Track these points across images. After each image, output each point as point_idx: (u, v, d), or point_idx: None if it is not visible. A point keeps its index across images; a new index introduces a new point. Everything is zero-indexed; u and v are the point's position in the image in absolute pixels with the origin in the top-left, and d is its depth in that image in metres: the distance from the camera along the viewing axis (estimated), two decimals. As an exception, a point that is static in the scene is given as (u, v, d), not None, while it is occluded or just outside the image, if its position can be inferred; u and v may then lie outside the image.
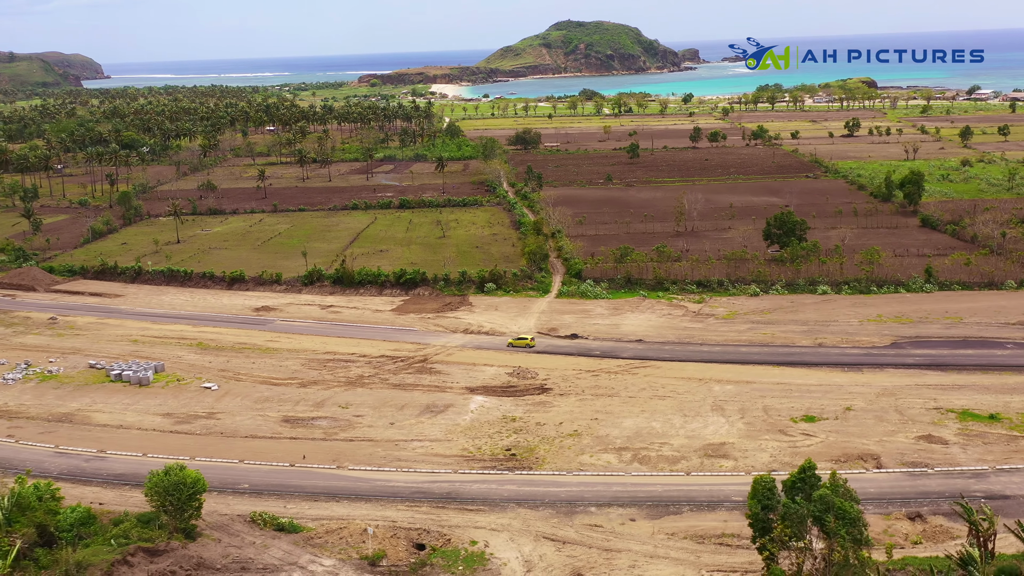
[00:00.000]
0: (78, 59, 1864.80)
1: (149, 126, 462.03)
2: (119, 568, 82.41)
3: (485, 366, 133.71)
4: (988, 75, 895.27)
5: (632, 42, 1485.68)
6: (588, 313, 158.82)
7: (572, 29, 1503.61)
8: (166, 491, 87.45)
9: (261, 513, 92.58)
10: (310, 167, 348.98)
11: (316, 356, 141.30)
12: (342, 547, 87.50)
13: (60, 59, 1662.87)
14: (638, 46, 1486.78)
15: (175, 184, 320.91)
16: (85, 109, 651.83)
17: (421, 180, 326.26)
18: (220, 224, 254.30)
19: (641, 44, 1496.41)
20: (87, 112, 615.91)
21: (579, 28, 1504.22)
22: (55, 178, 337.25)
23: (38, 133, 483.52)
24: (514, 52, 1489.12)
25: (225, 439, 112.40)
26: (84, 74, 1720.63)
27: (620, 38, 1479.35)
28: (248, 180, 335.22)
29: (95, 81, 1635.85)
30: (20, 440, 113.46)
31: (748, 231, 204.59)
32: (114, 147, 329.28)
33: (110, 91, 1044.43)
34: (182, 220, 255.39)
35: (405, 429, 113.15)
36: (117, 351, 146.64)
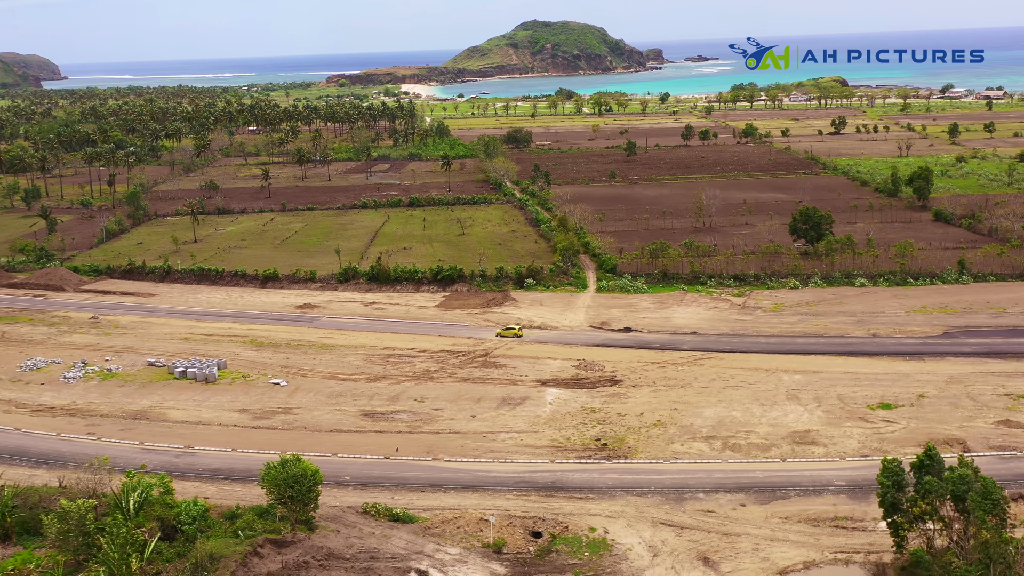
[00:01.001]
0: (35, 60, 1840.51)
1: (133, 127, 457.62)
2: (251, 559, 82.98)
3: (549, 359, 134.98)
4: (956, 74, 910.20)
5: (598, 42, 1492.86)
6: (634, 307, 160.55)
7: (538, 29, 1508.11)
8: (286, 483, 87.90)
9: (374, 504, 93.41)
10: (305, 166, 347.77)
11: (375, 352, 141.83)
12: (461, 536, 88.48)
13: (17, 60, 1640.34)
14: (604, 46, 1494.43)
15: (176, 184, 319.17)
16: (61, 110, 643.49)
17: (422, 179, 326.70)
18: (231, 223, 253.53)
19: (607, 44, 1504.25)
20: (63, 113, 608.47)
21: (545, 28, 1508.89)
22: (49, 178, 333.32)
23: (15, 134, 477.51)
24: (481, 52, 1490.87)
25: (309, 433, 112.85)
26: (42, 75, 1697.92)
27: (586, 38, 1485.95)
28: (246, 180, 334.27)
29: (54, 82, 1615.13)
30: (102, 437, 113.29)
31: (774, 226, 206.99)
32: (110, 147, 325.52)
33: (76, 92, 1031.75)
34: (195, 220, 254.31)
35: (488, 421, 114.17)
36: (171, 349, 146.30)
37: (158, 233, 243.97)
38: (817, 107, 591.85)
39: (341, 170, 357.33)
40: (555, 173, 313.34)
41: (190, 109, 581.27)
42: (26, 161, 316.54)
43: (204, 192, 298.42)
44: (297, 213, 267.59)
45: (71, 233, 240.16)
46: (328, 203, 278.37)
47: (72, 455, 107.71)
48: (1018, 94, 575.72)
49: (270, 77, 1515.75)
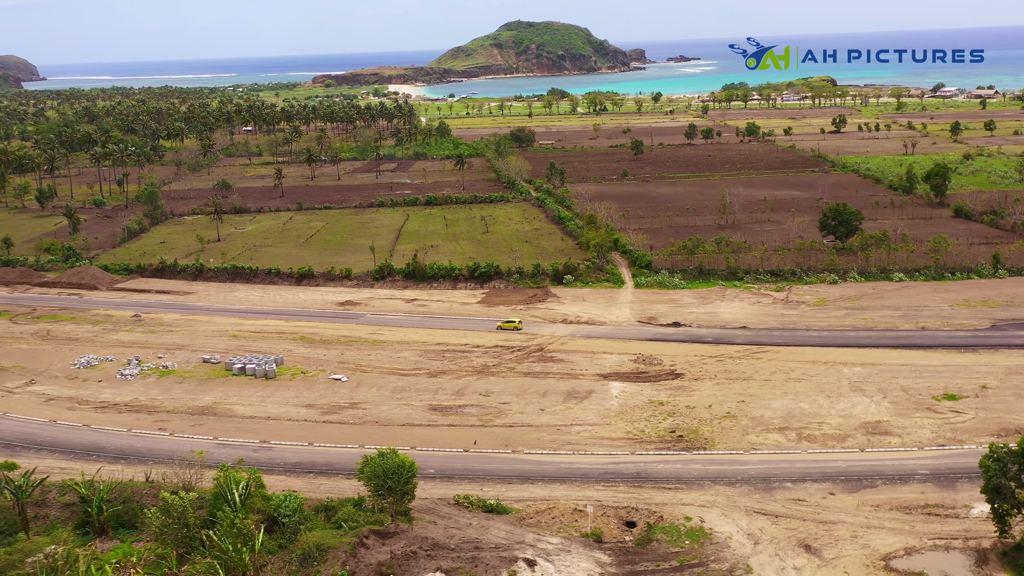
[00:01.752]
0: (12, 60, 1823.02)
1: (132, 127, 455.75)
2: (359, 550, 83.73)
3: (605, 354, 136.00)
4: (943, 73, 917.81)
5: (583, 42, 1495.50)
6: (677, 303, 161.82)
7: (522, 30, 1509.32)
8: (385, 475, 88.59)
9: (466, 496, 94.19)
10: (312, 166, 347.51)
11: (429, 347, 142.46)
12: (558, 526, 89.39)
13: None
14: (589, 46, 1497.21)
15: (188, 183, 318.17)
16: (52, 110, 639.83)
17: (433, 178, 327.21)
18: (250, 222, 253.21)
19: (591, 44, 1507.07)
20: (54, 113, 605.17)
21: (529, 28, 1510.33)
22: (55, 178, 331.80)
23: (10, 134, 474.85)
24: (465, 52, 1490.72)
25: (381, 427, 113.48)
26: (21, 75, 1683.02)
27: (571, 38, 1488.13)
28: (254, 180, 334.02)
29: (33, 83, 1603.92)
30: (174, 433, 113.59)
31: (804, 223, 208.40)
32: (118, 147, 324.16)
33: (61, 92, 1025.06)
34: (212, 218, 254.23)
35: (558, 415, 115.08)
36: (222, 346, 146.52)
37: (178, 232, 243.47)
38: (811, 106, 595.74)
39: (348, 169, 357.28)
40: (567, 172, 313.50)
41: (184, 109, 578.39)
42: (35, 161, 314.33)
43: (217, 192, 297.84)
44: (314, 212, 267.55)
45: (92, 232, 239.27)
46: (343, 202, 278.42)
47: (148, 451, 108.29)
48: (1010, 93, 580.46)
49: (250, 78, 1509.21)
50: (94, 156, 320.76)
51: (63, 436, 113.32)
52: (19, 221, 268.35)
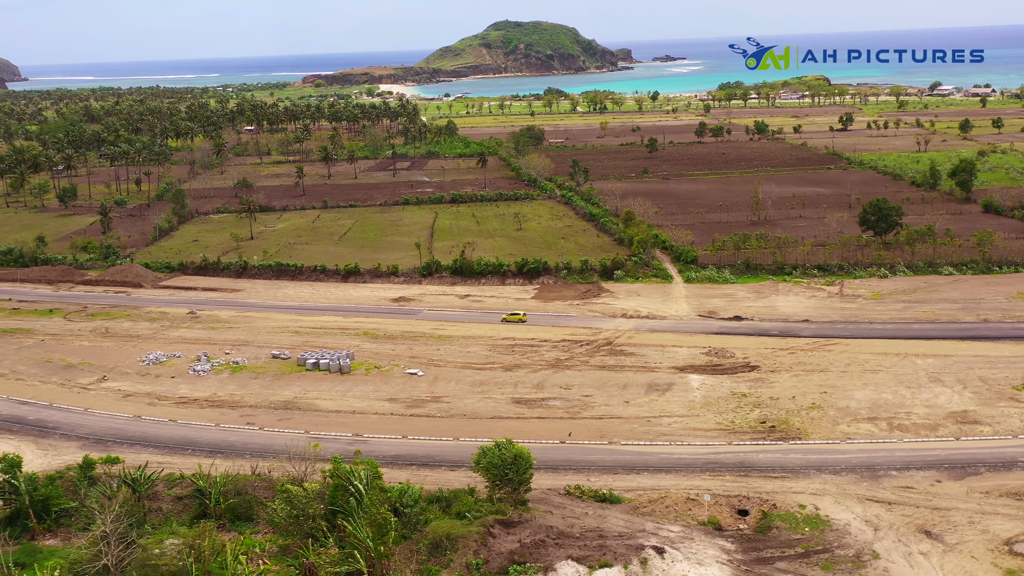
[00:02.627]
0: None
1: (138, 126, 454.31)
2: (488, 539, 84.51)
3: (674, 347, 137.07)
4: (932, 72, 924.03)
5: (571, 42, 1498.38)
6: (732, 297, 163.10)
7: (510, 29, 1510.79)
8: (503, 465, 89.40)
9: (577, 486, 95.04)
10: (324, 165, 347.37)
11: (495, 342, 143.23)
12: (673, 515, 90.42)
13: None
14: (577, 46, 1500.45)
15: (208, 182, 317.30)
16: (50, 110, 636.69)
17: (451, 176, 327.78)
18: (278, 220, 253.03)
19: (580, 44, 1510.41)
20: (52, 113, 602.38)
21: (517, 28, 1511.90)
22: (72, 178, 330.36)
23: (11, 133, 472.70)
24: (454, 52, 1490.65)
25: (470, 420, 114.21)
26: (3, 76, 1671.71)
27: (559, 38, 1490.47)
28: (269, 179, 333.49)
29: (17, 83, 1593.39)
30: (264, 427, 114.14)
31: (843, 218, 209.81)
32: (135, 146, 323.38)
33: (51, 93, 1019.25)
34: (239, 217, 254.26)
35: (643, 407, 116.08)
36: (287, 342, 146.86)
37: (208, 231, 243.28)
38: (810, 104, 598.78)
39: (362, 168, 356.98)
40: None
41: (184, 109, 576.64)
42: (53, 160, 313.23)
43: (238, 190, 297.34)
44: (340, 210, 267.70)
45: (121, 231, 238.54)
46: (367, 200, 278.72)
47: (242, 445, 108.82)
48: (1008, 91, 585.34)
49: (235, 78, 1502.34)
50: (110, 155, 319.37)
51: (152, 431, 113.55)
52: (42, 220, 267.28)
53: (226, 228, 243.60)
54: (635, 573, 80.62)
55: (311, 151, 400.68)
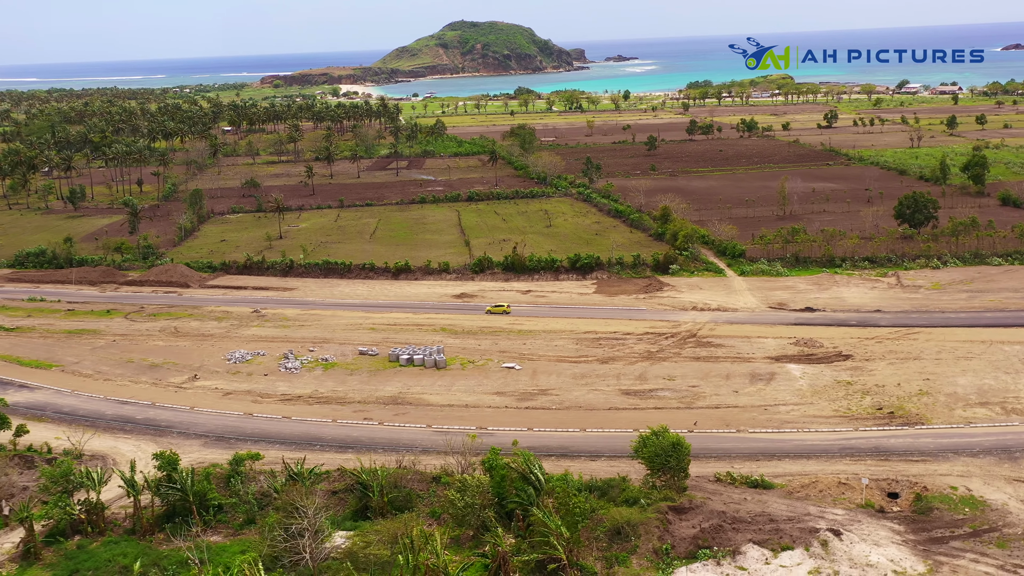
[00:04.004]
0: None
1: (120, 128, 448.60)
2: (667, 525, 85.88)
3: (760, 338, 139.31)
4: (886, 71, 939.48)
5: (527, 42, 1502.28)
6: (793, 289, 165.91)
7: (467, 29, 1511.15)
8: (664, 453, 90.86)
9: (728, 472, 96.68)
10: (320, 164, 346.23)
11: (578, 335, 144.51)
12: (830, 498, 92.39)
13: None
14: (533, 46, 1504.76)
15: (215, 182, 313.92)
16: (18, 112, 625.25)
17: (456, 174, 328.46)
18: (298, 220, 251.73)
19: (536, 44, 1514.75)
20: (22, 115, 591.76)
21: (473, 28, 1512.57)
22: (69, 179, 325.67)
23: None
24: (410, 52, 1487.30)
25: (588, 412, 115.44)
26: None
27: (516, 38, 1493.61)
28: (274, 179, 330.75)
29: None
30: (383, 422, 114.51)
31: (879, 212, 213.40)
32: (132, 147, 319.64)
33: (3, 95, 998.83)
34: (255, 217, 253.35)
35: (754, 396, 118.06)
36: (366, 339, 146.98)
37: (231, 230, 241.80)
38: (784, 102, 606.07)
39: (361, 168, 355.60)
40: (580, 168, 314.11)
41: (156, 111, 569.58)
42: (53, 161, 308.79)
43: (246, 190, 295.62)
44: (358, 209, 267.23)
45: (146, 232, 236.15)
46: (382, 199, 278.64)
47: (369, 439, 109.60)
48: (977, 88, 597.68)
49: (184, 79, 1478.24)
50: (106, 156, 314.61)
51: (270, 428, 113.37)
52: (52, 222, 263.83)
53: (246, 227, 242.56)
54: (817, 555, 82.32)
55: (302, 151, 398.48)
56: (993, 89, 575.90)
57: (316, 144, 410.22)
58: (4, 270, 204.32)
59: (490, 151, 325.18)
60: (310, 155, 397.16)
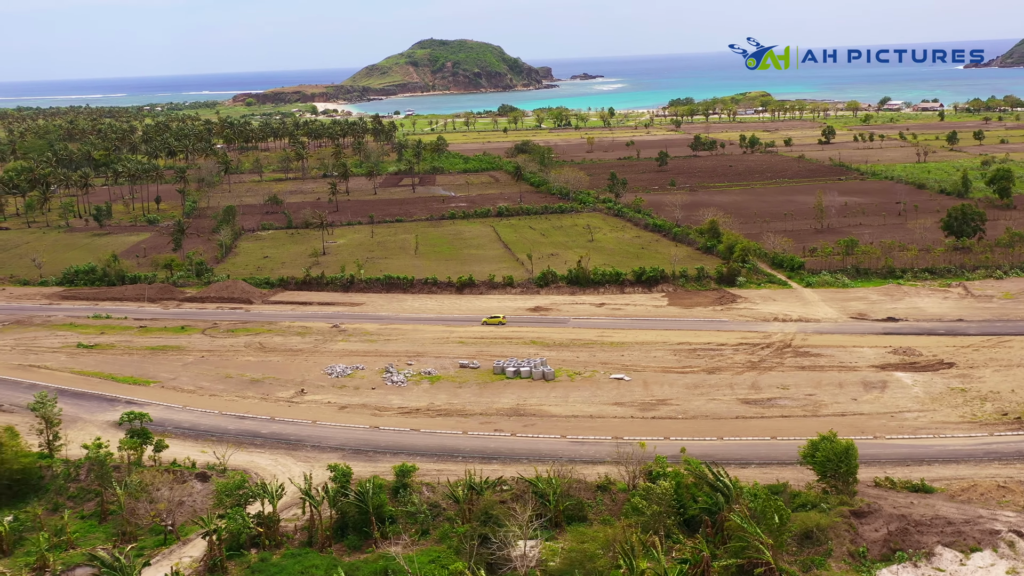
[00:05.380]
0: None
1: (116, 145, 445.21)
2: (855, 528, 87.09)
3: (855, 347, 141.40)
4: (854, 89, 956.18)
5: (497, 60, 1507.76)
6: (866, 299, 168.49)
7: (436, 47, 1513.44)
8: (836, 458, 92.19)
9: (887, 477, 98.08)
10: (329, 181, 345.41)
11: (672, 346, 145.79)
12: (995, 501, 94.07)
13: None
14: (504, 64, 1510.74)
15: (238, 199, 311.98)
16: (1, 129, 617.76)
17: (475, 190, 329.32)
18: (335, 236, 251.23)
19: (506, 62, 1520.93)
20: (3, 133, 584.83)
21: (443, 46, 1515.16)
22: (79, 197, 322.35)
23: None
24: (380, 70, 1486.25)
25: (716, 421, 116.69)
26: None
27: (486, 56, 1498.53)
28: (294, 195, 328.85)
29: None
30: (516, 433, 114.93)
31: (926, 224, 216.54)
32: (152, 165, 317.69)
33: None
34: (288, 233, 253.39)
35: (874, 403, 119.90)
36: (461, 352, 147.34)
37: (269, 246, 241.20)
38: (770, 119, 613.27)
39: (372, 184, 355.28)
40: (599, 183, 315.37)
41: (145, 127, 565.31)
42: (71, 179, 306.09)
43: (268, 206, 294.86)
44: (389, 225, 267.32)
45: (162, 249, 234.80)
46: (412, 215, 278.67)
47: (508, 451, 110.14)
48: (961, 105, 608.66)
49: (144, 97, 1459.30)
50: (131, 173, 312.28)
51: (404, 440, 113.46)
52: (82, 240, 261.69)
53: (283, 244, 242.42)
54: (1007, 555, 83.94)
55: (309, 168, 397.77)
56: (975, 106, 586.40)
57: (321, 161, 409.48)
58: (54, 288, 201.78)
59: (513, 167, 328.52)
60: (316, 172, 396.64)
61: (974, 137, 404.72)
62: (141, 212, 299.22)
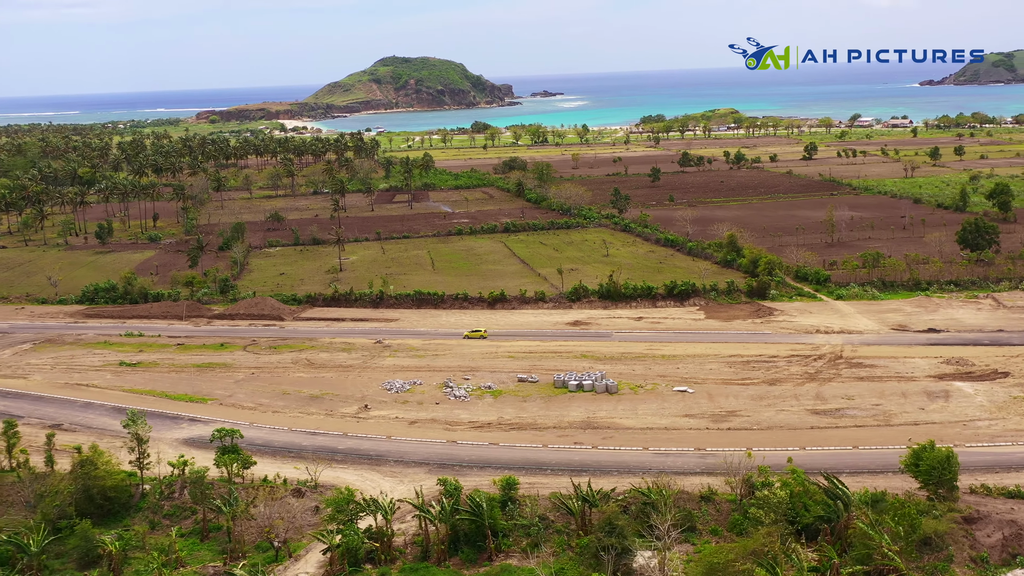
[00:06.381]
0: None
1: (96, 162, 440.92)
2: (971, 535, 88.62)
3: (907, 358, 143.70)
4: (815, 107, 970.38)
5: (460, 77, 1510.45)
6: (901, 311, 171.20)
7: (399, 65, 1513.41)
8: (940, 466, 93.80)
9: (983, 484, 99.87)
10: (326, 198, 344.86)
11: (725, 359, 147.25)
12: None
13: None
14: (467, 81, 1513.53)
15: (238, 216, 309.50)
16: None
17: (473, 206, 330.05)
18: (346, 252, 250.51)
19: (469, 79, 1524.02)
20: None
21: (406, 64, 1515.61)
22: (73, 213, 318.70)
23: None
24: (343, 88, 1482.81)
25: (789, 432, 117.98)
26: None
27: (448, 73, 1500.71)
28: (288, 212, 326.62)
29: None
30: (597, 446, 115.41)
31: (941, 237, 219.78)
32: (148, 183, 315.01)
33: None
34: (297, 250, 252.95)
35: (943, 412, 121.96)
36: (515, 366, 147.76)
37: (282, 263, 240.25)
38: (745, 135, 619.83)
39: (368, 201, 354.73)
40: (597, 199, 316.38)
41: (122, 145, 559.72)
42: (66, 196, 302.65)
43: (270, 223, 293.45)
44: (397, 241, 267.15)
45: (174, 267, 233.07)
46: (416, 231, 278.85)
47: (595, 463, 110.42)
48: (931, 121, 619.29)
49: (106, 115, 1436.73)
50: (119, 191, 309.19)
51: (487, 454, 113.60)
52: (86, 258, 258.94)
53: (294, 260, 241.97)
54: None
55: (298, 185, 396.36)
56: (945, 122, 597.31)
57: (307, 179, 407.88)
58: (75, 306, 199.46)
59: (516, 183, 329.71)
60: (305, 189, 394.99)
61: (955, 153, 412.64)
62: (139, 230, 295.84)
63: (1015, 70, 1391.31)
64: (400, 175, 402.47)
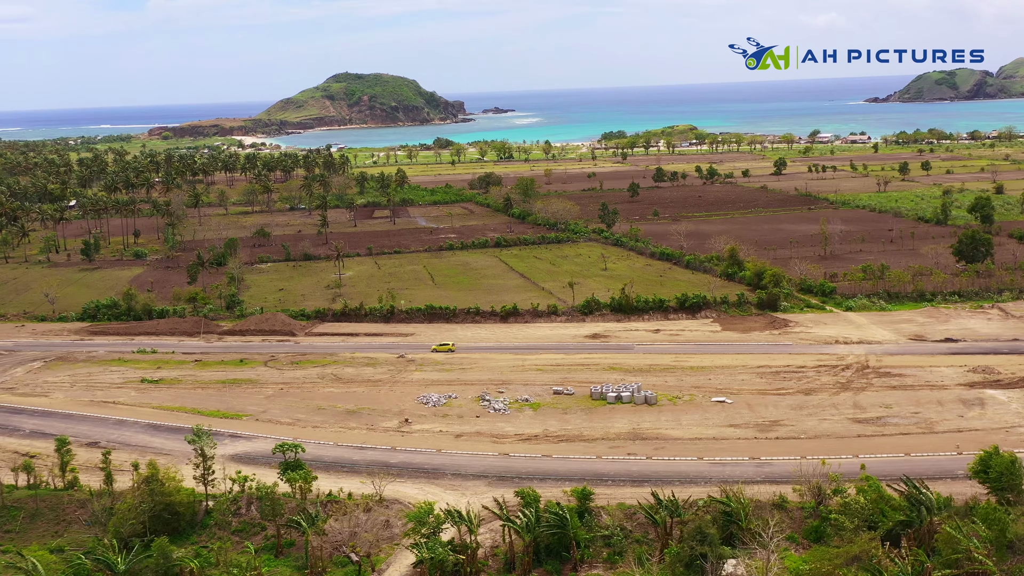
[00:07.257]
0: None
1: (64, 179, 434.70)
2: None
3: (933, 367, 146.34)
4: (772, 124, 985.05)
5: (414, 94, 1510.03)
6: (913, 321, 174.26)
7: (352, 81, 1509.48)
8: (1011, 473, 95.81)
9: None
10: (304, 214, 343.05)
11: (753, 369, 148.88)
12: None
13: None
14: (420, 97, 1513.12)
15: (221, 232, 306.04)
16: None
17: (457, 222, 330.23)
18: (336, 268, 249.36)
19: (423, 96, 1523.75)
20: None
21: (359, 80, 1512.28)
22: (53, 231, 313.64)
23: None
24: (296, 104, 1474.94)
25: (836, 440, 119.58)
26: None
27: (402, 90, 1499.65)
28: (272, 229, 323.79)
29: None
30: (651, 457, 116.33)
31: (938, 250, 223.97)
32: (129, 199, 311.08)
33: None
34: (291, 266, 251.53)
35: (983, 419, 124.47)
36: (546, 379, 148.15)
37: (278, 279, 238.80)
38: (708, 151, 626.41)
39: (350, 217, 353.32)
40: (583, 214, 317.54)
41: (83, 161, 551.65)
42: (47, 212, 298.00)
43: (257, 240, 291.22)
44: (390, 257, 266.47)
45: (167, 284, 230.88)
46: (406, 247, 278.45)
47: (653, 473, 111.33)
48: (890, 137, 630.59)
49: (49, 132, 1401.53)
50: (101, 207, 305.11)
51: (544, 466, 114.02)
52: (75, 275, 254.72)
53: (289, 276, 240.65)
54: None
55: (274, 201, 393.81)
56: (903, 138, 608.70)
57: (282, 194, 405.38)
58: (77, 323, 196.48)
59: (504, 199, 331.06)
60: (281, 205, 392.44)
61: (922, 168, 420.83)
62: (122, 246, 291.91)
63: (957, 88, 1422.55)
64: (375, 191, 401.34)
